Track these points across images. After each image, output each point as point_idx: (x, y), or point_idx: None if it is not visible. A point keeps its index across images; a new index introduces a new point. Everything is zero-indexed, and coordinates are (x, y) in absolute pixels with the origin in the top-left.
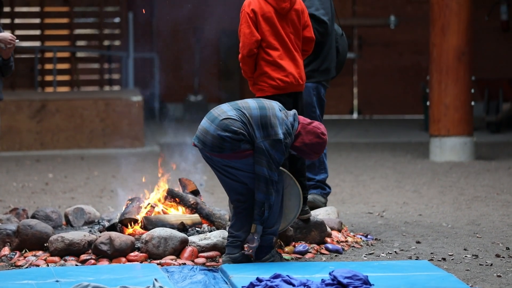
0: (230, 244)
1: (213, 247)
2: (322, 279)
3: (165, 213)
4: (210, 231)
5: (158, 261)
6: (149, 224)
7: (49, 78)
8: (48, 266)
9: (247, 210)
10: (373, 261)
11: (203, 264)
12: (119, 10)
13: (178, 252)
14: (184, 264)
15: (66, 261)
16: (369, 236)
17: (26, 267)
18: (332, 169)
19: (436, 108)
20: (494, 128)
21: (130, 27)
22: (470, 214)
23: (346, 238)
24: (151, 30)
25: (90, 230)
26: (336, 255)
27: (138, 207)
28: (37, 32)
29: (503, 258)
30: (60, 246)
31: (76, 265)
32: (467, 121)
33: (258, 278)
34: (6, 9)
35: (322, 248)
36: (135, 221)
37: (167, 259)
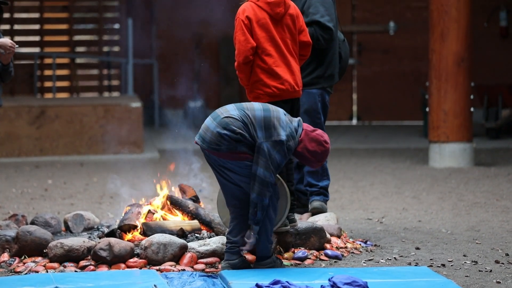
0: (229, 250)
1: (212, 253)
2: (322, 285)
3: (164, 219)
4: (210, 237)
5: (158, 267)
6: (148, 230)
7: (48, 84)
8: (47, 272)
9: (244, 216)
10: (372, 267)
11: (203, 270)
12: (119, 16)
13: (177, 258)
14: (183, 270)
15: (65, 267)
16: (368, 242)
17: (26, 273)
18: (331, 175)
19: (435, 114)
20: (493, 134)
21: (129, 33)
22: (469, 220)
23: (345, 244)
24: (151, 36)
25: (90, 236)
26: (335, 261)
27: (137, 213)
28: (36, 38)
29: (503, 264)
30: (59, 252)
31: (75, 271)
32: (467, 127)
33: (257, 284)
34: (6, 15)
35: (322, 254)
36: (135, 227)
37: (167, 265)
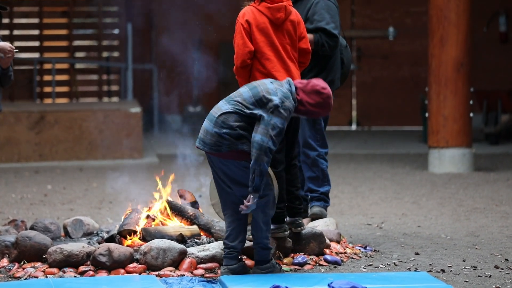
0: (227, 255)
1: (211, 259)
2: None
3: (164, 224)
4: (209, 243)
5: (157, 272)
6: (147, 235)
7: (48, 89)
8: (46, 277)
9: (241, 221)
10: (371, 272)
11: (202, 275)
12: (118, 21)
13: (177, 263)
14: (182, 275)
15: (64, 272)
16: (368, 247)
17: (25, 279)
18: (331, 180)
19: (435, 119)
20: (493, 139)
21: (129, 39)
22: (469, 225)
23: (345, 249)
24: (150, 41)
25: (89, 242)
26: (335, 267)
27: (137, 219)
28: (36, 43)
29: (502, 269)
30: (58, 258)
31: (74, 276)
32: (466, 132)
33: None
34: (5, 20)
35: (321, 259)
36: (134, 232)
37: (166, 271)
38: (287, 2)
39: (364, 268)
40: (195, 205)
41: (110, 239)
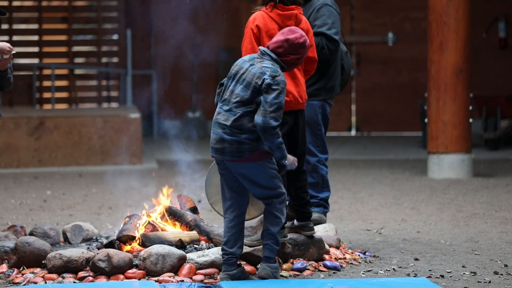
0: (226, 262)
1: (211, 264)
2: None
3: (163, 230)
4: (208, 248)
5: (156, 278)
6: (147, 241)
7: (47, 95)
8: (46, 283)
9: (240, 225)
10: (371, 278)
11: (201, 281)
12: (117, 27)
13: (176, 269)
14: (182, 281)
15: (64, 278)
16: (367, 253)
17: (24, 285)
18: (330, 186)
19: (434, 125)
20: (492, 145)
21: (128, 44)
22: (468, 231)
23: (344, 255)
24: (149, 47)
25: (88, 247)
26: (334, 272)
27: (136, 224)
28: (35, 49)
29: (501, 275)
30: (58, 263)
31: (74, 282)
32: (465, 138)
33: None
34: (4, 26)
35: (320, 265)
36: (133, 238)
37: (165, 276)
38: (298, 10)
39: (363, 273)
40: (195, 210)
41: (110, 245)
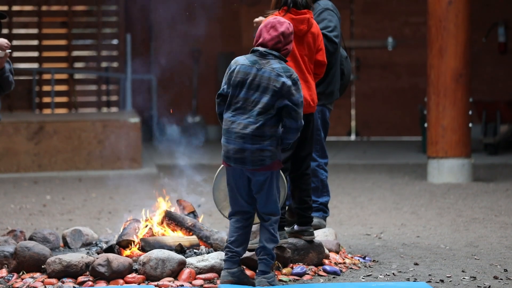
0: (230, 259)
1: (211, 269)
2: None
3: (163, 234)
4: (208, 253)
5: (156, 283)
6: (146, 245)
7: (47, 100)
8: None
9: (248, 228)
10: (371, 282)
11: (201, 285)
12: (117, 32)
13: (175, 274)
14: (181, 286)
15: (63, 283)
16: (367, 257)
17: None
18: (330, 190)
19: (433, 130)
20: (492, 150)
21: (128, 49)
22: (468, 236)
23: (344, 259)
24: (149, 51)
25: (88, 252)
26: (334, 277)
27: (136, 229)
28: (35, 54)
29: (501, 280)
30: (57, 268)
31: (73, 287)
32: (465, 143)
33: None
34: (4, 31)
35: (320, 269)
36: (133, 242)
37: (165, 281)
38: (310, 14)
39: (363, 278)
40: (194, 215)
41: (109, 250)
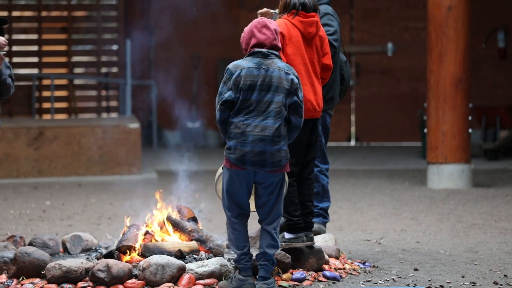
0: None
1: (210, 274)
2: None
3: (162, 240)
4: (208, 258)
5: None
6: (146, 251)
7: (46, 105)
8: None
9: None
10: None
11: None
12: (117, 37)
13: (175, 279)
14: None
15: None
16: (366, 263)
17: None
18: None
19: (433, 135)
20: (491, 155)
21: (127, 54)
22: (468, 241)
23: (343, 265)
24: (149, 57)
25: (88, 258)
26: (334, 283)
27: (135, 234)
28: (35, 59)
29: (501, 285)
30: (57, 274)
31: None
32: (465, 148)
33: None
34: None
35: (320, 275)
36: (133, 248)
37: (165, 287)
38: (317, 17)
39: (363, 284)
40: (194, 220)
41: (109, 255)
